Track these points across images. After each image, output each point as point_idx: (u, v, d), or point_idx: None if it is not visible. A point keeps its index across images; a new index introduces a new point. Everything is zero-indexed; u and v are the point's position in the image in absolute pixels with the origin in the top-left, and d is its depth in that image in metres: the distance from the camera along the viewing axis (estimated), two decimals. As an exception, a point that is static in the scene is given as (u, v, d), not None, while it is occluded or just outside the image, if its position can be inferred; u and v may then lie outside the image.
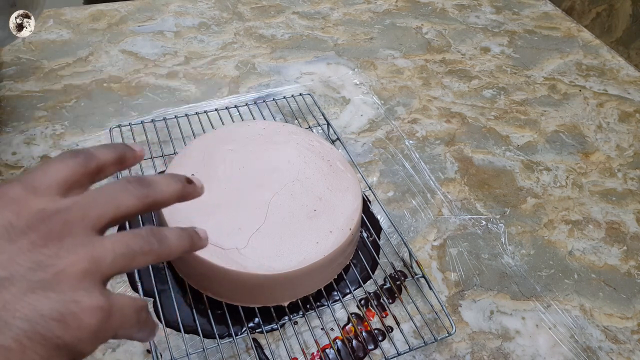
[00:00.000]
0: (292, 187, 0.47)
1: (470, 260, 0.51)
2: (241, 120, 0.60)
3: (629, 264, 0.52)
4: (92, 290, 0.20)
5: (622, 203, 0.58)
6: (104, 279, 0.21)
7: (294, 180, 0.47)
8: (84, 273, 0.20)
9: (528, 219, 0.56)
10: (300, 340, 0.43)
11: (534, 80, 0.74)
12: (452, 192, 0.58)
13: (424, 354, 0.43)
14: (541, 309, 0.48)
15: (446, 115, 0.68)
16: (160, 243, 0.23)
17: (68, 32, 0.75)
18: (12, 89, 0.66)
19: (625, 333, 0.46)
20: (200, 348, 0.42)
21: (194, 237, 0.25)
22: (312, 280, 0.44)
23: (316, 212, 0.45)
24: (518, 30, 0.84)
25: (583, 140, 0.66)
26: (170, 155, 0.56)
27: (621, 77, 0.76)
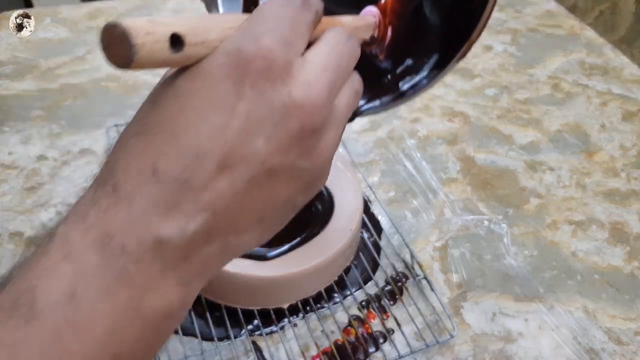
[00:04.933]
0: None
1: (473, 261, 0.51)
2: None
3: (633, 264, 0.52)
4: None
5: (625, 203, 0.58)
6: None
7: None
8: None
9: (531, 220, 0.55)
10: (300, 343, 0.43)
11: (537, 79, 0.74)
12: (454, 192, 0.57)
13: (426, 357, 0.43)
14: (544, 310, 0.47)
15: (448, 115, 0.67)
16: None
17: (65, 31, 0.75)
18: (8, 88, 0.65)
19: (629, 334, 0.46)
20: (199, 351, 0.41)
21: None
22: (312, 282, 0.44)
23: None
24: (521, 28, 0.83)
25: (586, 139, 0.65)
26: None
27: (624, 75, 0.75)
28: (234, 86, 0.18)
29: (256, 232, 0.21)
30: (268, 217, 0.21)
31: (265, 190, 0.20)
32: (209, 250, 0.19)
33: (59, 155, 0.57)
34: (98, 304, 0.18)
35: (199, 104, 0.18)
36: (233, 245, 0.20)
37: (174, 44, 0.17)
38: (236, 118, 0.18)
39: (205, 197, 0.18)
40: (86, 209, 0.19)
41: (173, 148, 0.18)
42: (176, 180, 0.18)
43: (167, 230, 0.18)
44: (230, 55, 0.18)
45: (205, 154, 0.18)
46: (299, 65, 0.19)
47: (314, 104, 0.19)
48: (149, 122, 0.19)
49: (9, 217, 0.51)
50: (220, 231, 0.19)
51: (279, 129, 0.19)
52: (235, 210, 0.19)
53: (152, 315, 0.19)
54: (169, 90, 0.19)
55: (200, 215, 0.18)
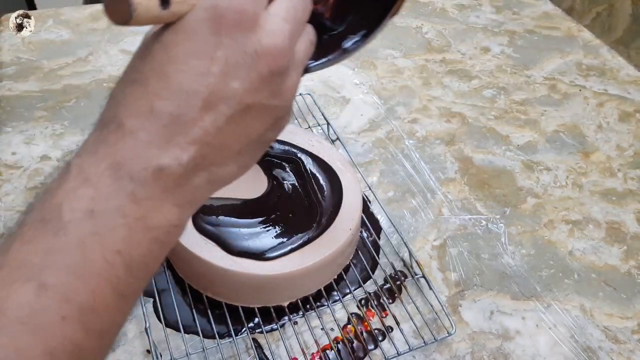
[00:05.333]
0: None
1: (471, 260, 0.51)
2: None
3: (629, 263, 0.52)
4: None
5: (622, 203, 0.58)
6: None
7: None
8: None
9: (528, 219, 0.55)
10: (300, 341, 0.43)
11: (534, 80, 0.74)
12: (452, 192, 0.58)
13: (424, 354, 0.43)
14: (541, 309, 0.48)
15: (446, 115, 0.68)
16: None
17: (67, 32, 0.75)
18: (11, 89, 0.65)
19: (626, 333, 0.46)
20: (200, 348, 0.42)
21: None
22: (312, 280, 0.44)
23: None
24: (518, 30, 0.84)
25: (583, 140, 0.66)
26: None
27: (621, 76, 0.76)
28: (212, 36, 0.21)
29: (236, 163, 0.24)
30: (245, 150, 0.24)
31: (242, 126, 0.23)
32: (198, 179, 0.23)
33: (61, 156, 0.58)
34: (113, 221, 0.21)
35: (184, 52, 0.21)
36: (217, 175, 0.24)
37: (163, 2, 0.21)
38: (216, 63, 0.21)
39: (195, 132, 0.22)
40: (95, 145, 0.22)
41: (166, 90, 0.21)
42: (171, 117, 0.21)
43: (165, 160, 0.21)
44: (208, 11, 0.21)
45: (193, 94, 0.21)
46: (265, 17, 0.22)
47: (279, 49, 0.22)
48: (141, 71, 0.22)
49: (12, 217, 0.51)
50: (207, 162, 0.23)
51: (251, 71, 0.22)
52: (218, 144, 0.22)
53: (156, 230, 0.22)
54: (156, 44, 0.22)
55: (191, 147, 0.22)
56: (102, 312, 0.21)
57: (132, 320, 0.44)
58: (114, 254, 0.21)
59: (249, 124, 0.23)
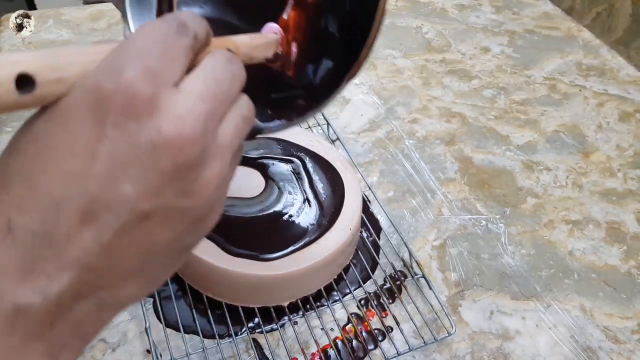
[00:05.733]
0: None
1: (470, 260, 0.51)
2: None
3: (629, 263, 0.52)
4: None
5: (622, 203, 0.58)
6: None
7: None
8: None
9: (528, 219, 0.55)
10: (300, 341, 0.43)
11: (534, 80, 0.74)
12: (452, 192, 0.58)
13: (424, 354, 0.43)
14: (541, 309, 0.48)
15: (446, 115, 0.68)
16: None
17: (68, 32, 0.75)
18: (11, 89, 0.65)
19: (626, 333, 0.46)
20: (200, 348, 0.42)
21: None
22: (312, 280, 0.44)
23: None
24: (518, 30, 0.84)
25: (583, 140, 0.66)
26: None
27: (621, 76, 0.76)
28: (93, 127, 0.17)
29: (138, 283, 0.19)
30: (149, 266, 0.19)
31: (140, 237, 0.18)
32: (80, 312, 0.18)
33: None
34: None
35: (57, 149, 0.17)
36: (111, 301, 0.19)
37: (23, 84, 0.16)
38: (97, 162, 0.17)
39: (69, 253, 0.17)
40: None
41: (29, 199, 0.17)
42: (34, 236, 0.16)
43: (25, 296, 0.16)
44: (88, 93, 0.17)
45: (65, 205, 0.17)
46: (169, 97, 0.17)
47: (186, 138, 0.17)
48: (4, 172, 0.17)
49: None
50: (92, 289, 0.18)
51: (147, 169, 0.17)
52: (107, 264, 0.18)
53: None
54: (26, 135, 0.17)
55: (65, 273, 0.17)
56: None
57: (132, 320, 0.44)
58: None
59: (152, 234, 0.18)
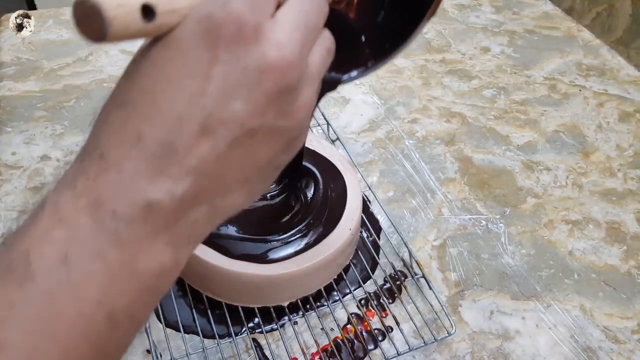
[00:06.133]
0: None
1: (470, 260, 0.51)
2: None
3: (629, 263, 0.52)
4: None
5: (622, 203, 0.58)
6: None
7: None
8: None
9: (528, 219, 0.55)
10: (300, 341, 0.43)
11: (534, 80, 0.74)
12: (452, 192, 0.58)
13: (424, 354, 0.43)
14: (541, 309, 0.48)
15: (446, 115, 0.68)
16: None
17: (68, 32, 0.75)
18: (11, 89, 0.66)
19: (625, 333, 0.46)
20: (200, 348, 0.42)
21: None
22: (312, 280, 0.44)
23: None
24: (518, 30, 0.84)
25: (583, 140, 0.66)
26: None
27: (621, 77, 0.76)
28: (207, 52, 0.19)
29: (242, 192, 0.21)
30: (253, 178, 0.21)
31: (248, 151, 0.20)
32: (197, 213, 0.20)
33: (61, 156, 0.58)
34: (91, 266, 0.18)
35: (175, 71, 0.19)
36: (221, 206, 0.21)
37: (146, 14, 0.17)
38: (212, 83, 0.19)
39: (190, 161, 0.19)
40: (74, 178, 0.19)
41: (155, 114, 0.19)
42: (161, 144, 0.19)
43: (156, 194, 0.19)
44: (202, 22, 0.19)
45: (186, 119, 0.19)
46: (270, 26, 0.19)
47: (287, 63, 0.19)
48: (128, 93, 0.20)
49: (12, 217, 0.51)
50: (207, 194, 0.20)
51: (255, 90, 0.19)
52: (220, 172, 0.20)
53: (145, 275, 0.19)
54: (144, 62, 0.20)
55: (187, 178, 0.19)
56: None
57: (132, 320, 0.44)
58: (92, 306, 0.18)
59: (256, 149, 0.20)
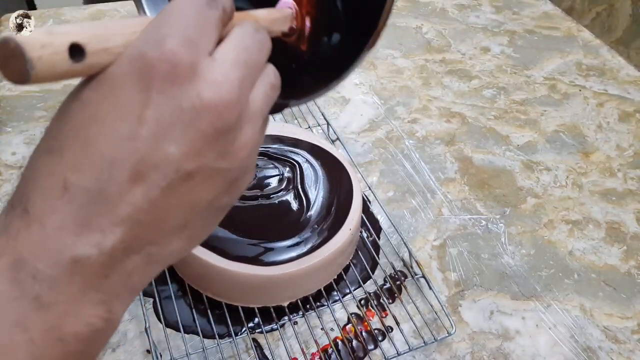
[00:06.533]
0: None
1: (470, 260, 0.51)
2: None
3: (629, 263, 0.52)
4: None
5: (622, 203, 0.58)
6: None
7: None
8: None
9: (528, 219, 0.55)
10: (300, 340, 0.43)
11: (534, 80, 0.74)
12: (452, 192, 0.58)
13: (424, 354, 0.43)
14: (541, 309, 0.48)
15: (446, 115, 0.68)
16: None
17: (68, 32, 0.75)
18: (11, 89, 0.66)
19: (625, 333, 0.46)
20: (200, 348, 0.42)
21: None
22: (311, 280, 0.44)
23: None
24: (518, 30, 0.84)
25: (583, 140, 0.66)
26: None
27: (621, 76, 0.76)
28: (140, 92, 0.18)
29: (182, 238, 0.21)
30: (192, 223, 0.20)
31: (185, 195, 0.19)
32: (131, 264, 0.19)
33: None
34: (11, 338, 0.17)
35: (106, 113, 0.18)
36: (157, 255, 0.20)
37: (74, 54, 0.17)
38: (145, 125, 0.18)
39: (121, 210, 0.18)
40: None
41: (83, 161, 0.18)
42: (89, 194, 0.18)
43: (83, 249, 0.18)
44: (135, 61, 0.18)
45: (117, 164, 0.18)
46: (207, 65, 0.19)
47: (224, 102, 0.19)
48: (57, 137, 0.19)
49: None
50: (140, 243, 0.19)
51: (190, 131, 0.18)
52: (155, 219, 0.19)
53: (74, 340, 0.18)
54: (75, 103, 0.19)
55: (117, 229, 0.18)
56: None
57: (132, 320, 0.44)
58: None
59: (194, 192, 0.19)
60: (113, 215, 0.18)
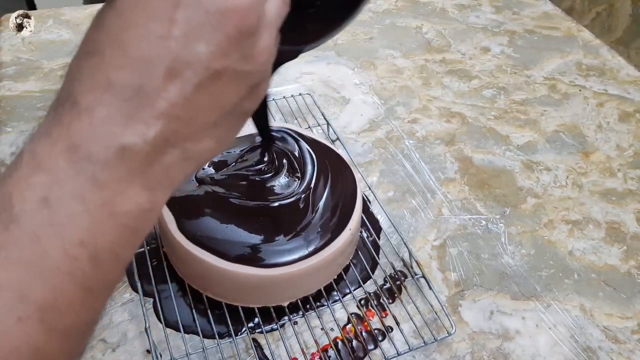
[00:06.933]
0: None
1: (470, 260, 0.51)
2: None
3: (629, 263, 0.52)
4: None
5: (622, 203, 0.58)
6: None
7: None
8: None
9: (528, 219, 0.56)
10: (300, 341, 0.43)
11: (534, 80, 0.74)
12: (452, 192, 0.58)
13: (424, 354, 0.43)
14: (541, 309, 0.48)
15: (446, 115, 0.68)
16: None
17: (68, 32, 0.75)
18: (12, 89, 0.66)
19: (625, 333, 0.46)
20: (200, 348, 0.42)
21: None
22: (312, 280, 0.44)
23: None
24: (518, 30, 0.84)
25: (583, 140, 0.66)
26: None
27: (621, 76, 0.76)
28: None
29: (212, 138, 0.22)
30: (221, 122, 0.22)
31: (214, 94, 0.21)
32: (170, 157, 0.21)
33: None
34: (72, 207, 0.19)
35: (141, 17, 0.20)
36: (192, 151, 0.22)
37: None
38: (176, 25, 0.19)
39: (160, 104, 0.20)
40: (49, 126, 0.20)
41: (123, 60, 0.20)
42: (131, 89, 0.19)
43: (129, 138, 0.19)
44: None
45: (154, 62, 0.19)
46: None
47: (246, 6, 0.20)
48: (96, 41, 0.20)
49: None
50: (178, 137, 0.21)
51: (217, 33, 0.20)
52: (189, 115, 0.21)
53: (124, 216, 0.20)
54: (110, 11, 0.20)
55: (158, 121, 0.20)
56: (65, 311, 0.19)
57: (132, 320, 0.44)
58: (75, 246, 0.19)
59: (222, 92, 0.21)
60: (153, 109, 0.20)
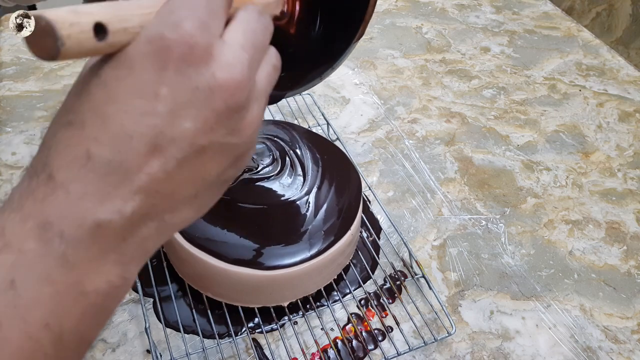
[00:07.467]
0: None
1: (470, 260, 0.51)
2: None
3: (629, 263, 0.52)
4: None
5: (622, 203, 0.58)
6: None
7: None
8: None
9: (528, 219, 0.56)
10: (300, 340, 0.43)
11: (534, 80, 0.74)
12: (452, 192, 0.58)
13: (424, 354, 0.43)
14: (541, 308, 0.48)
15: (446, 115, 0.68)
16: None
17: (68, 32, 0.75)
18: (11, 89, 0.66)
19: (625, 333, 0.46)
20: (200, 348, 0.42)
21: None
22: (311, 280, 0.44)
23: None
24: (518, 30, 0.84)
25: (583, 140, 0.66)
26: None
27: (621, 76, 0.76)
28: (157, 72, 0.19)
29: (192, 208, 0.22)
30: (201, 193, 0.22)
31: (197, 168, 0.21)
32: (146, 230, 0.21)
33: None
34: (38, 290, 0.18)
35: (126, 90, 0.19)
36: (170, 223, 0.22)
37: (98, 32, 0.18)
38: (162, 102, 0.19)
39: (140, 180, 0.19)
40: (22, 199, 0.19)
41: (104, 134, 0.19)
42: (110, 164, 0.19)
43: (105, 214, 0.19)
44: (153, 42, 0.19)
45: (136, 138, 0.19)
46: (219, 47, 0.20)
47: (236, 82, 0.20)
48: (77, 111, 0.20)
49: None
50: (156, 211, 0.21)
51: (205, 109, 0.20)
52: (170, 189, 0.20)
53: (93, 295, 0.20)
54: (95, 79, 0.20)
55: (137, 196, 0.20)
56: None
57: (132, 320, 0.44)
58: (39, 329, 0.18)
59: (205, 165, 0.21)
60: (133, 184, 0.19)
